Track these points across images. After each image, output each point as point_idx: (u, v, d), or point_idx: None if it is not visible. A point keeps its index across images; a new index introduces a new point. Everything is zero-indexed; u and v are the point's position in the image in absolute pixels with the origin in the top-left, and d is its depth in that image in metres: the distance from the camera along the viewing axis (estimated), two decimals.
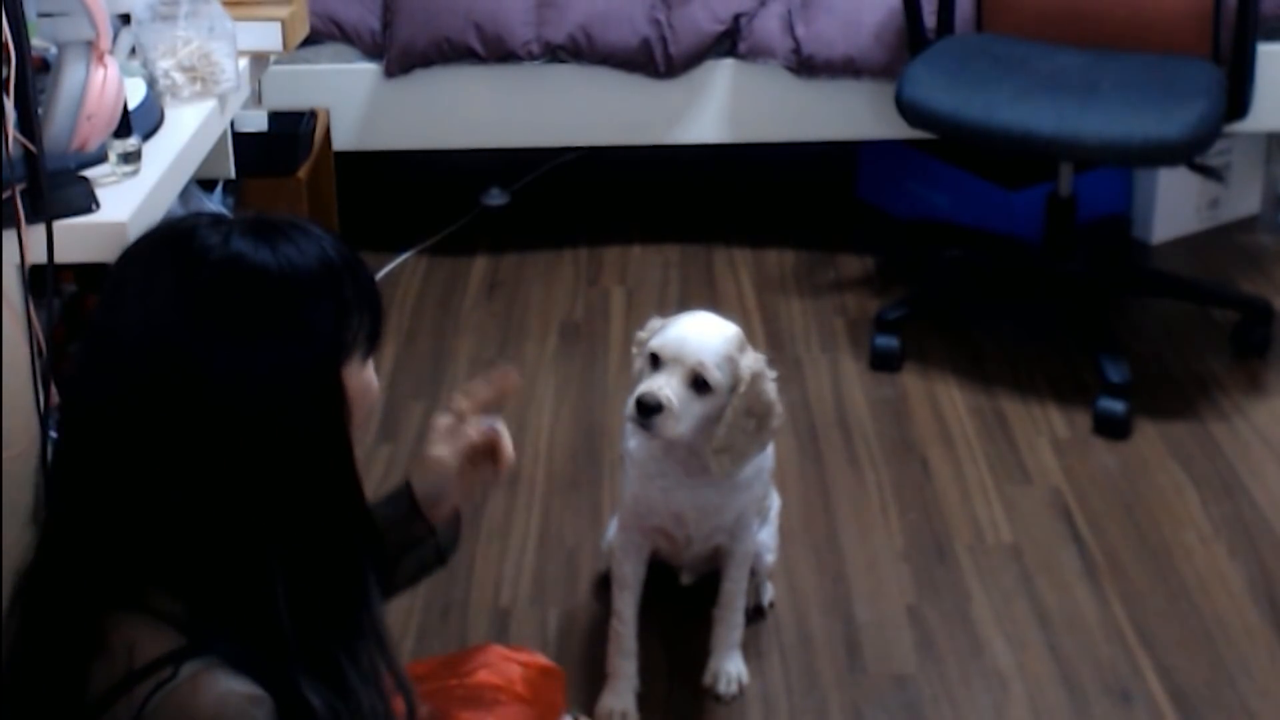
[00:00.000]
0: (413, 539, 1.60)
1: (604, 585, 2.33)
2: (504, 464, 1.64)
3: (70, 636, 1.20)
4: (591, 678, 2.14)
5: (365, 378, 1.29)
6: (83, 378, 1.25)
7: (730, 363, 1.93)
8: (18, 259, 1.62)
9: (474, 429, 1.61)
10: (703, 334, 1.94)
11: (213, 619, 1.19)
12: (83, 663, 1.19)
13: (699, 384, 1.91)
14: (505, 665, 1.78)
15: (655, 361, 1.94)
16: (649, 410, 1.90)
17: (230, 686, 1.15)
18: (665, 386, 1.90)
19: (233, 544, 1.20)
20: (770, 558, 2.28)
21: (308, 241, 1.23)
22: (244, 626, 1.19)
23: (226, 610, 1.20)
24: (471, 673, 1.75)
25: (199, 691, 1.14)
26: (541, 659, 1.85)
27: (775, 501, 2.32)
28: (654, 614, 2.19)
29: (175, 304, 1.18)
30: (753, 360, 1.95)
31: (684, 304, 3.27)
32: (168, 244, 1.22)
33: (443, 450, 1.60)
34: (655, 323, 2.00)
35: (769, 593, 2.31)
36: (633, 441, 2.05)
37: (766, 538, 2.27)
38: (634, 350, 2.01)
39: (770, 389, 1.97)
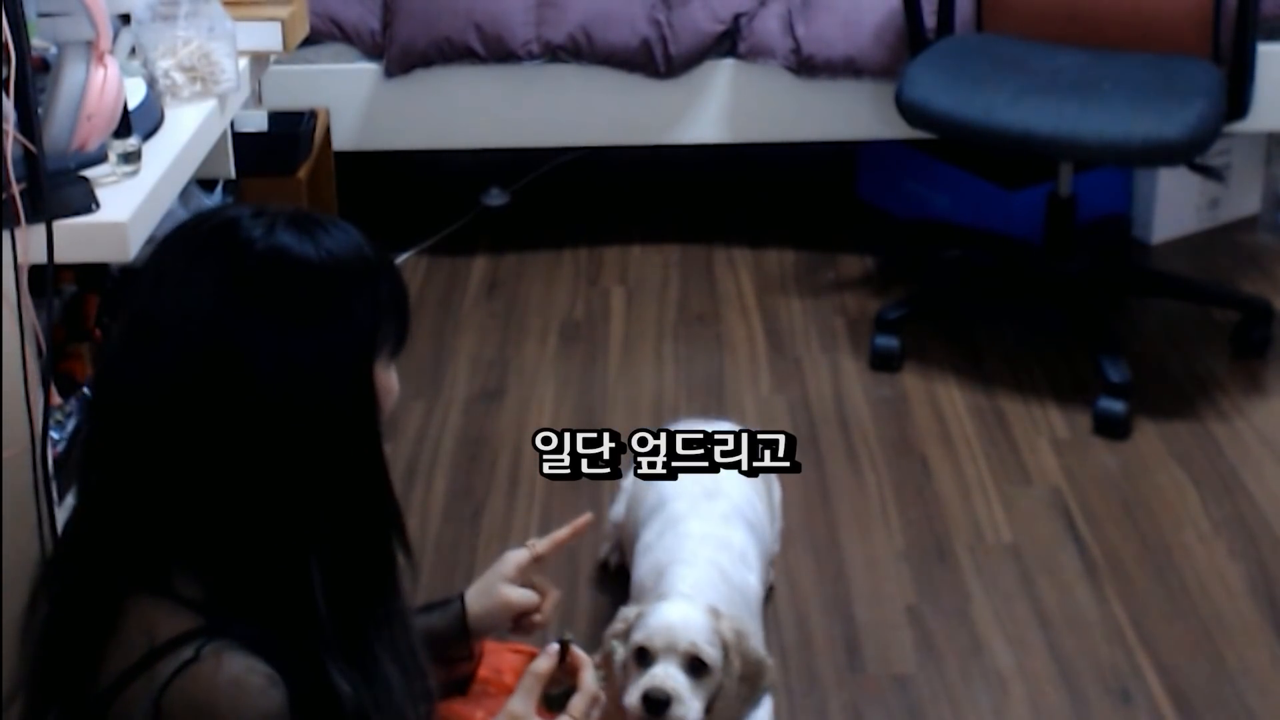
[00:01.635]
0: (447, 659, 1.64)
1: (603, 585, 2.34)
2: (540, 624, 1.67)
3: (92, 617, 1.23)
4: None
5: (390, 378, 1.32)
6: (118, 363, 1.27)
7: (716, 635, 1.86)
8: (17, 259, 1.62)
9: (546, 588, 1.66)
10: (686, 615, 1.86)
11: (234, 602, 1.21)
12: (101, 643, 1.22)
13: (696, 667, 1.83)
14: (496, 656, 1.78)
15: (643, 656, 1.85)
16: (660, 706, 1.81)
17: (250, 664, 1.18)
18: (669, 679, 1.82)
19: (268, 528, 1.22)
20: (774, 547, 2.28)
21: (346, 237, 1.27)
22: (273, 610, 1.22)
23: (255, 593, 1.22)
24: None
25: (220, 669, 1.17)
26: (534, 649, 1.86)
27: (776, 492, 2.32)
28: None
29: (220, 292, 1.21)
30: (729, 622, 1.88)
31: (684, 304, 3.27)
32: (211, 234, 1.25)
33: (515, 594, 1.65)
34: (629, 611, 1.92)
35: (769, 577, 2.31)
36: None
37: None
38: (614, 643, 1.91)
39: (755, 645, 1.89)
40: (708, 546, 2.03)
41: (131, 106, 1.87)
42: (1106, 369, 2.79)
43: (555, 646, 1.53)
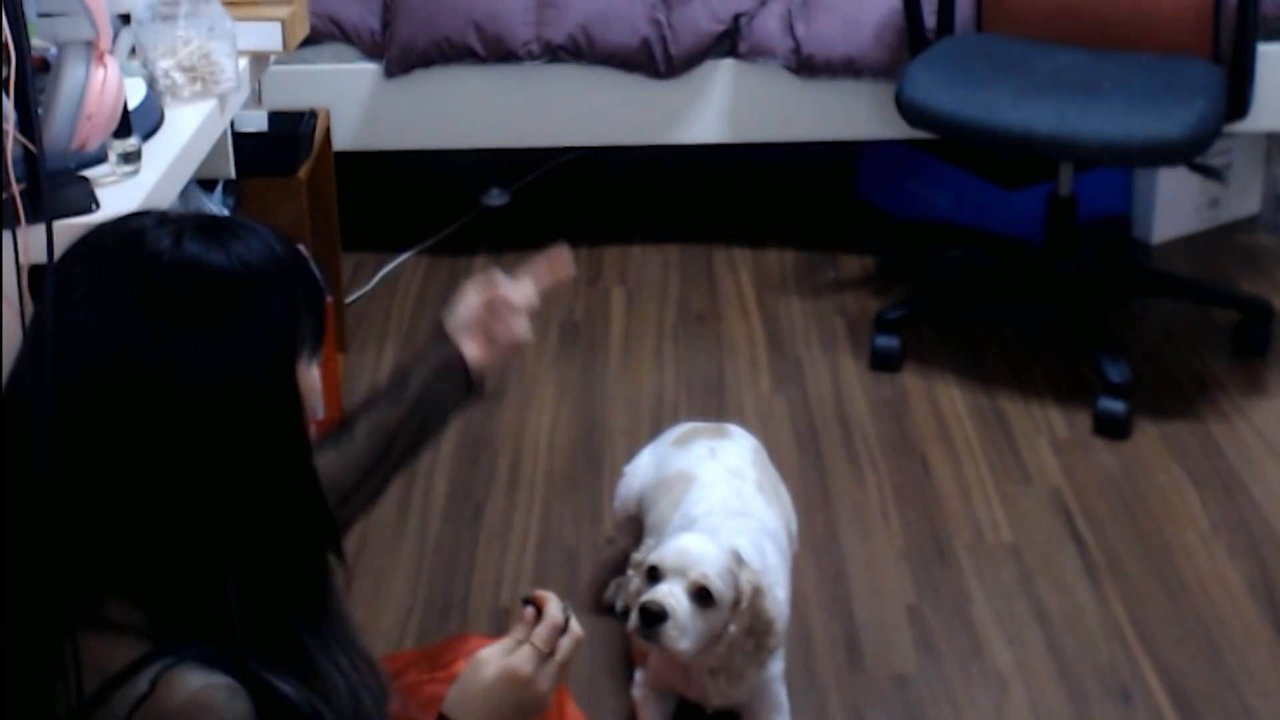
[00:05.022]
0: (441, 368, 1.73)
1: (604, 584, 2.34)
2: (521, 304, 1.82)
3: (32, 655, 1.19)
4: (590, 678, 2.14)
5: (312, 378, 1.29)
6: (30, 384, 1.21)
7: (731, 575, 1.87)
8: (18, 259, 1.62)
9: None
10: (703, 546, 1.88)
11: (174, 621, 1.19)
12: (46, 682, 1.18)
13: (702, 596, 1.85)
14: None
15: (654, 575, 1.88)
16: (653, 619, 1.83)
17: (204, 680, 1.16)
18: (669, 595, 1.84)
19: (187, 543, 1.20)
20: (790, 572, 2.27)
21: (257, 240, 1.24)
22: (203, 625, 1.20)
23: (185, 610, 1.20)
24: (450, 664, 1.74)
25: (172, 692, 1.15)
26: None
27: (794, 524, 2.31)
28: None
29: (131, 307, 1.18)
30: (751, 575, 1.89)
31: (684, 304, 3.27)
32: (117, 247, 1.22)
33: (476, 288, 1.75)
34: (650, 542, 1.96)
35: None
36: None
37: None
38: (630, 571, 1.96)
39: (770, 606, 1.90)
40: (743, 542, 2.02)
41: (131, 106, 1.87)
42: (1106, 369, 2.79)
43: (530, 610, 1.50)
